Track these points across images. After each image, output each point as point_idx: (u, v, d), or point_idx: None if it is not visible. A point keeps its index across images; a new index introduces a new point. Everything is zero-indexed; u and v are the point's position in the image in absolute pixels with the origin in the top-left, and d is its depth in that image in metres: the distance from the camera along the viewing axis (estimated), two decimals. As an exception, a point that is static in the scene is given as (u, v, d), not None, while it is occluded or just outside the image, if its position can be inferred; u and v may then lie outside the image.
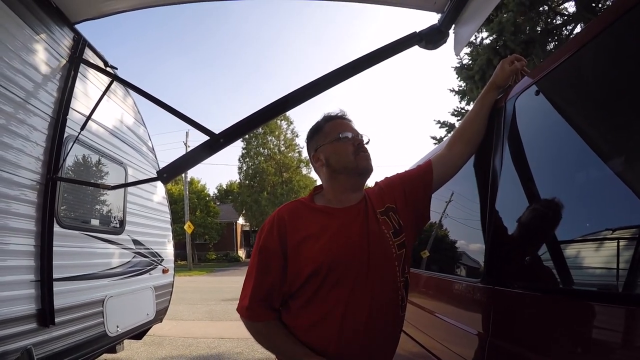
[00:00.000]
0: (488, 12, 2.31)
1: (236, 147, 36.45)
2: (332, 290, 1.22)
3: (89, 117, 2.94)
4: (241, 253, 36.22)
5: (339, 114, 1.43)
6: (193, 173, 39.08)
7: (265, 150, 32.06)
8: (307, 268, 1.22)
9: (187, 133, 27.45)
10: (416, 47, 2.49)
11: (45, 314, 2.48)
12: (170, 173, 2.32)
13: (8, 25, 2.35)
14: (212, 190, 45.90)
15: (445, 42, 2.50)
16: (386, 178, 1.51)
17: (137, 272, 3.95)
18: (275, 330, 1.27)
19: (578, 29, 7.87)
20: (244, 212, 33.23)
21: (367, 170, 1.34)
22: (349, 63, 2.40)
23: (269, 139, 32.01)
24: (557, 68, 1.11)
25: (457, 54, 2.48)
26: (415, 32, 2.47)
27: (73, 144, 2.87)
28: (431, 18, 2.50)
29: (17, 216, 2.39)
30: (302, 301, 1.25)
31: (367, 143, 1.38)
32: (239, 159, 32.78)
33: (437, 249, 2.17)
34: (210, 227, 31.78)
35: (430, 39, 2.45)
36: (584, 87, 1.04)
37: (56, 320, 2.55)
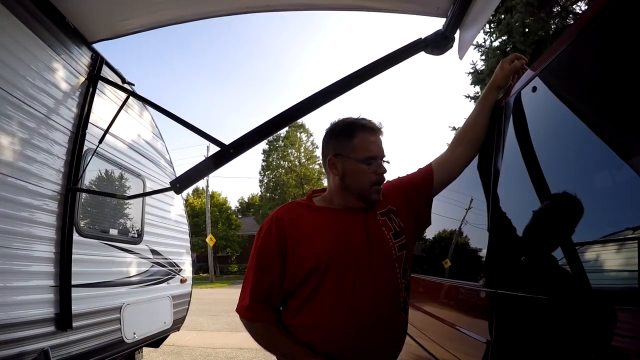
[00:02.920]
0: (489, 14, 2.32)
1: (257, 161, 36.89)
2: (331, 289, 1.22)
3: (106, 131, 3.07)
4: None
5: (374, 126, 1.34)
6: (214, 186, 39.68)
7: (286, 163, 32.31)
8: (306, 265, 1.23)
9: (207, 147, 28.00)
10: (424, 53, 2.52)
11: (63, 318, 2.59)
12: (182, 183, 2.40)
13: (30, 46, 2.50)
14: (234, 204, 46.47)
15: (451, 47, 2.51)
16: (387, 181, 1.50)
17: (154, 281, 4.05)
18: (274, 331, 1.28)
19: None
20: (265, 224, 33.42)
21: (376, 202, 1.33)
22: (356, 71, 2.44)
23: (289, 151, 32.28)
24: (551, 63, 1.11)
25: (461, 58, 2.49)
26: (421, 38, 2.49)
27: (92, 157, 3.01)
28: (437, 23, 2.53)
29: (40, 224, 2.51)
30: (301, 300, 1.26)
31: (387, 162, 1.34)
32: (260, 172, 33.19)
33: (439, 253, 2.16)
34: (232, 240, 32.07)
35: (435, 44, 2.46)
36: (579, 81, 1.04)
37: (74, 324, 2.65)
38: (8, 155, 2.30)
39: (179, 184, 2.33)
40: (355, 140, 1.31)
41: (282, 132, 31.56)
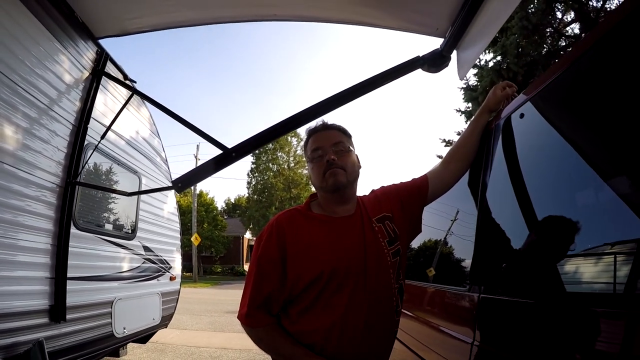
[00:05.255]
0: (491, 37, 2.44)
1: (245, 162, 36.94)
2: (331, 297, 1.26)
3: (108, 128, 3.11)
4: (247, 267, 36.05)
5: (317, 127, 1.45)
6: (202, 186, 39.43)
7: (275, 166, 32.35)
8: (308, 275, 1.26)
9: (197, 146, 27.89)
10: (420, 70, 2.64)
11: (58, 310, 2.61)
12: (184, 183, 2.47)
13: (38, 37, 2.52)
14: (220, 204, 46.19)
15: (447, 66, 2.64)
16: (382, 187, 1.57)
17: (145, 278, 4.07)
18: (274, 333, 1.30)
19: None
20: (251, 226, 33.34)
21: (336, 186, 1.34)
22: (356, 84, 2.55)
23: (279, 154, 32.32)
24: (537, 95, 1.24)
25: (461, 78, 2.61)
26: (419, 56, 2.61)
27: (93, 152, 3.04)
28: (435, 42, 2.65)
29: (38, 216, 2.53)
30: (302, 308, 1.29)
31: (340, 150, 1.37)
32: (248, 174, 33.17)
33: (428, 260, 2.26)
34: (217, 240, 31.87)
35: (432, 63, 2.59)
36: (562, 110, 1.16)
37: (67, 317, 2.67)
38: (10, 144, 2.32)
39: (180, 184, 2.40)
40: (307, 145, 1.45)
41: (276, 136, 31.61)
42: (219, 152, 2.42)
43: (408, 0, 2.39)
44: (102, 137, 3.08)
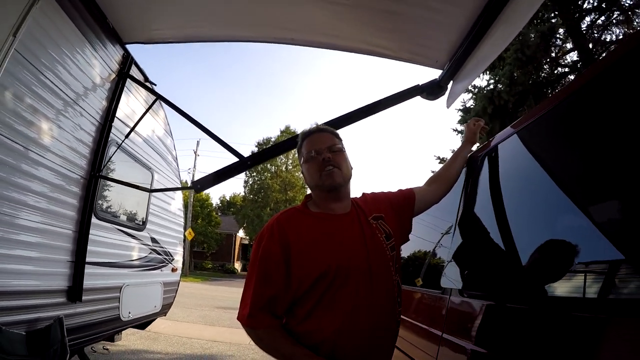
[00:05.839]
0: (479, 73, 2.75)
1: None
2: (337, 293, 1.27)
3: (132, 129, 3.37)
4: (237, 265, 36.24)
5: (312, 130, 1.50)
6: (199, 181, 39.45)
7: (273, 167, 32.59)
8: (313, 273, 1.26)
9: (197, 142, 28.13)
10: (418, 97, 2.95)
11: (75, 291, 2.85)
12: (203, 185, 2.75)
13: (73, 40, 2.74)
14: (215, 201, 46.27)
15: (443, 94, 2.94)
16: (372, 192, 1.66)
17: (151, 267, 4.33)
18: (275, 334, 1.29)
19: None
20: (245, 225, 33.49)
21: (332, 186, 1.38)
22: (359, 108, 2.84)
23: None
24: (504, 140, 1.56)
25: (448, 107, 2.92)
26: (418, 84, 2.92)
27: (117, 149, 3.30)
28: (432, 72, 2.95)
29: (64, 204, 2.78)
30: (309, 307, 1.28)
31: (335, 151, 1.42)
32: (245, 173, 33.29)
33: (409, 267, 2.55)
34: (210, 237, 31.95)
35: (430, 91, 2.90)
36: (525, 152, 1.47)
37: (83, 298, 2.92)
38: (44, 138, 2.55)
39: (199, 185, 2.67)
40: (302, 147, 1.49)
41: (273, 137, 32.01)
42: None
43: (414, 35, 2.68)
44: (127, 136, 3.34)
